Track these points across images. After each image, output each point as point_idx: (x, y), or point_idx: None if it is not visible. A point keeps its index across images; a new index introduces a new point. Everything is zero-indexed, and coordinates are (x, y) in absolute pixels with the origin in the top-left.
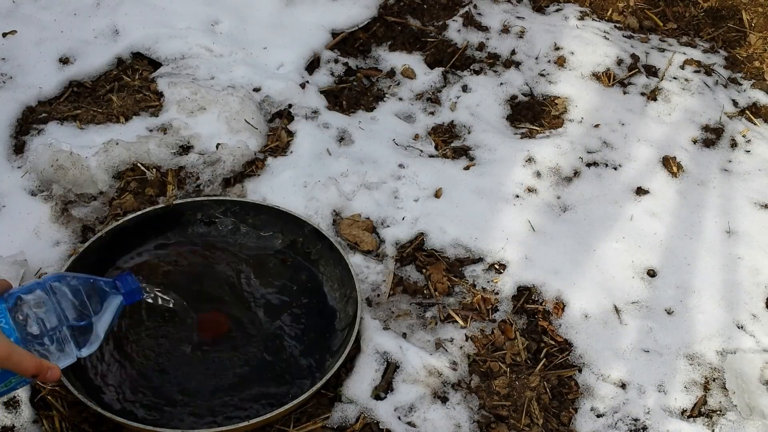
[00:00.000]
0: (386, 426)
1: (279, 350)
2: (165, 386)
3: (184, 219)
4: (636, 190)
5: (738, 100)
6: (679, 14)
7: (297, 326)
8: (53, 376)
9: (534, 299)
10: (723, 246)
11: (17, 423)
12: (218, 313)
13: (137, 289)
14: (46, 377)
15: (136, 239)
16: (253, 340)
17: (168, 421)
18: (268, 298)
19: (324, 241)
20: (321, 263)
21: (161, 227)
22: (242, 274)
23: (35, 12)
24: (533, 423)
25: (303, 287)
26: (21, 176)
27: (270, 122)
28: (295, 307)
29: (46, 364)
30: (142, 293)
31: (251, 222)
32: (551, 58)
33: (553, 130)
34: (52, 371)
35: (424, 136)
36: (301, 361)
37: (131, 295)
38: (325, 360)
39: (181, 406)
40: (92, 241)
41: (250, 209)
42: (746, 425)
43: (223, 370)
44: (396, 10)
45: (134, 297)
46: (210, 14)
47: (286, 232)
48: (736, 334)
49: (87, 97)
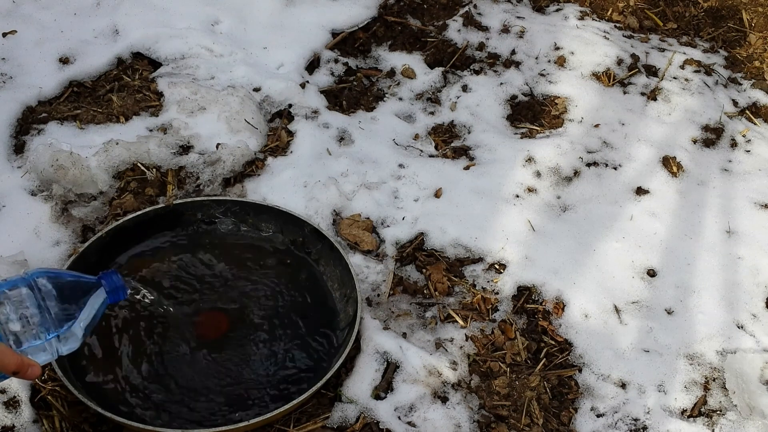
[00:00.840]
0: (386, 426)
1: (278, 350)
2: (165, 386)
3: (184, 219)
4: (636, 190)
5: (738, 100)
6: (679, 14)
7: (297, 326)
8: (33, 373)
9: (534, 299)
10: (723, 246)
11: (17, 423)
12: (217, 313)
13: (121, 287)
14: (26, 374)
15: (136, 239)
16: (253, 339)
17: (168, 420)
18: (268, 297)
19: (324, 241)
20: (321, 263)
21: (161, 227)
22: (242, 274)
23: (35, 12)
24: (533, 423)
25: (303, 287)
26: (21, 176)
27: (270, 122)
28: (294, 307)
29: (27, 361)
30: (126, 291)
31: (251, 222)
32: (551, 58)
33: (553, 130)
34: (32, 368)
35: (424, 136)
36: (301, 361)
37: (115, 293)
38: (324, 360)
39: (181, 405)
40: (92, 241)
41: (250, 209)
42: (746, 425)
43: (222, 369)
44: (396, 10)
45: (118, 295)
46: (210, 14)
47: (286, 232)
48: (736, 334)
49: (87, 97)
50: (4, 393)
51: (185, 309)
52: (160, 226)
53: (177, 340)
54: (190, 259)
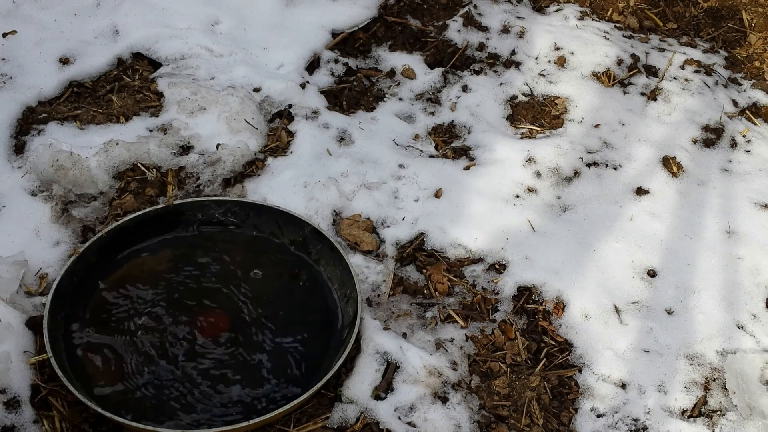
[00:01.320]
0: (386, 426)
1: (279, 350)
2: (165, 386)
3: (184, 219)
4: (636, 190)
5: (738, 100)
6: (679, 14)
7: (296, 326)
8: None
9: (534, 299)
10: (723, 246)
11: (17, 423)
12: (218, 313)
13: None
14: None
15: (135, 239)
16: (253, 339)
17: (168, 420)
18: (268, 297)
19: (324, 241)
20: (321, 263)
21: (161, 227)
22: (241, 274)
23: (35, 12)
24: (533, 423)
25: (302, 287)
26: (21, 176)
27: (270, 122)
28: (294, 307)
29: None
30: None
31: (252, 222)
32: (551, 58)
33: (553, 130)
34: None
35: (424, 136)
36: (301, 361)
37: None
38: (324, 360)
39: (180, 405)
40: (92, 241)
41: (250, 209)
42: (746, 425)
43: (222, 369)
44: (396, 11)
45: None
46: (210, 14)
47: (286, 233)
48: (736, 334)
49: (87, 98)
50: (4, 393)
51: (184, 309)
52: (161, 226)
53: (177, 339)
54: (189, 259)
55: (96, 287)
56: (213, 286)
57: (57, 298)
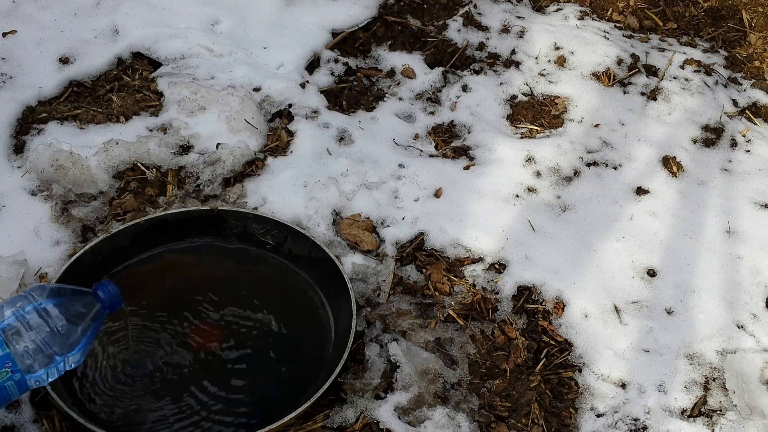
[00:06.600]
0: (386, 426)
1: (278, 356)
2: (159, 396)
3: (226, 226)
4: (636, 190)
5: (738, 100)
6: (679, 14)
7: (297, 328)
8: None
9: (534, 299)
10: (723, 246)
11: (17, 423)
12: (212, 324)
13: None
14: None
15: (147, 242)
16: (250, 349)
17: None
18: (265, 306)
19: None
20: (329, 303)
21: (160, 233)
22: (239, 283)
23: (35, 12)
24: (533, 423)
25: (302, 291)
26: (21, 176)
27: (270, 122)
28: (295, 309)
29: None
30: (122, 301)
31: (288, 247)
32: (551, 58)
33: (553, 130)
34: None
35: (424, 136)
36: (300, 368)
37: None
38: (323, 365)
39: (174, 415)
40: (95, 242)
41: (288, 234)
42: (746, 425)
43: (218, 380)
44: (396, 10)
45: (114, 305)
46: (210, 14)
47: (315, 267)
48: (736, 334)
49: (87, 97)
50: None
51: (181, 321)
52: (158, 233)
53: (171, 350)
54: (201, 268)
55: None
56: (211, 293)
57: None
